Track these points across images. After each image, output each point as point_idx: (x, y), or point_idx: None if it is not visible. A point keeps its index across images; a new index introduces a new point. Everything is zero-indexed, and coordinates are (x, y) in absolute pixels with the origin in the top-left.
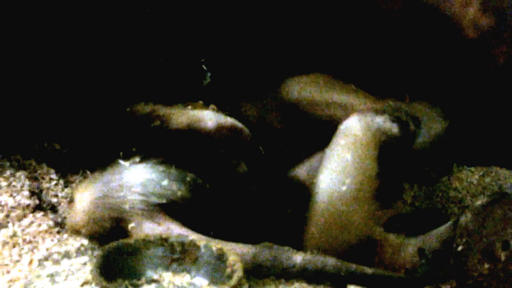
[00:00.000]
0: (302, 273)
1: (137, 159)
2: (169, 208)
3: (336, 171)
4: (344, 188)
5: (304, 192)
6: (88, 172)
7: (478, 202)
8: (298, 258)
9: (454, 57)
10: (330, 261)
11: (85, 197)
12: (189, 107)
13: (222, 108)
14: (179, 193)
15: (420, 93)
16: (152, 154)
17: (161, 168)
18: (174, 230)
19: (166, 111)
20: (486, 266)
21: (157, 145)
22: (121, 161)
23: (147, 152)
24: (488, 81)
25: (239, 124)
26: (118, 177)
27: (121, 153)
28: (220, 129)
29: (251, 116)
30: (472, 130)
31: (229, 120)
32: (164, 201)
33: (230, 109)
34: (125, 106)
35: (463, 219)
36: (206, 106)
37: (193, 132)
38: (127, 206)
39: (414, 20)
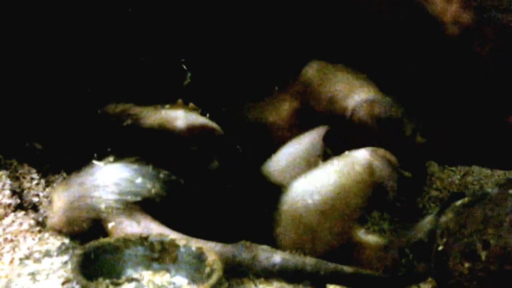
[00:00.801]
0: (282, 273)
1: (111, 159)
2: (145, 206)
3: (313, 185)
4: (310, 201)
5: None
6: (65, 174)
7: (459, 202)
8: (278, 257)
9: (438, 55)
10: (309, 261)
11: (62, 199)
12: (167, 106)
13: (204, 107)
14: (153, 190)
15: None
16: (126, 153)
17: (134, 166)
18: (153, 228)
19: (138, 110)
20: (467, 265)
21: (130, 144)
22: (95, 162)
23: (121, 151)
24: (471, 79)
25: (210, 123)
26: (93, 178)
27: (95, 154)
28: (190, 128)
29: (251, 116)
30: (453, 129)
31: (200, 120)
32: (138, 198)
33: (228, 108)
34: (102, 106)
35: (443, 219)
36: (185, 104)
37: (164, 131)
38: (103, 206)
39: (398, 18)
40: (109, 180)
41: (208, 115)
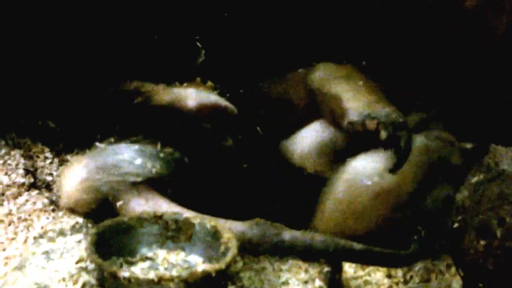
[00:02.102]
0: (291, 250)
1: (112, 140)
2: (150, 184)
3: (377, 167)
4: (369, 183)
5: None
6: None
7: (474, 179)
8: (287, 235)
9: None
10: (318, 238)
11: (69, 181)
12: (185, 84)
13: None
14: (154, 170)
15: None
16: (132, 133)
17: (135, 147)
18: (162, 205)
19: (150, 88)
20: (482, 243)
21: (140, 123)
22: (97, 143)
23: (128, 130)
24: (488, 54)
25: (223, 102)
26: (94, 160)
27: (98, 135)
28: (201, 107)
29: (274, 93)
30: (470, 107)
31: (212, 98)
32: (140, 179)
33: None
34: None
35: (459, 196)
36: (203, 83)
37: (175, 109)
38: (105, 188)
39: None
40: (110, 162)
41: (228, 94)
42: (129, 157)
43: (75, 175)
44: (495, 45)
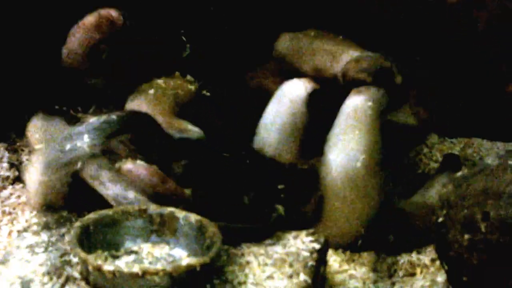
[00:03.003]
0: None
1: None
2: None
3: (349, 149)
4: (358, 164)
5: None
6: None
7: (459, 174)
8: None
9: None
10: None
11: (35, 171)
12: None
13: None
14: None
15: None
16: None
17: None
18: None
19: None
20: (466, 237)
21: None
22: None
23: None
24: (470, 47)
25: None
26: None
27: None
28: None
29: (252, 84)
30: (453, 102)
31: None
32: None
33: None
34: None
35: (443, 190)
36: (182, 77)
37: None
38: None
39: None
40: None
41: (207, 87)
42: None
43: (42, 162)
44: (477, 40)
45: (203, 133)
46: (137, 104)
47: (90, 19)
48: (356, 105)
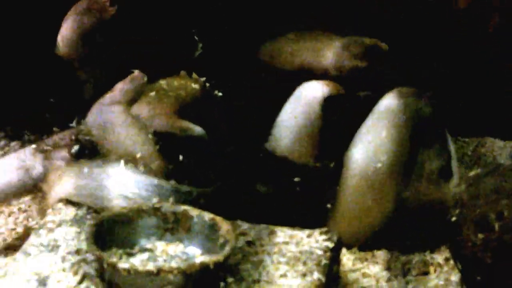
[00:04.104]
0: None
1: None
2: None
3: (374, 148)
4: (379, 165)
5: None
6: None
7: (472, 173)
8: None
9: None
10: None
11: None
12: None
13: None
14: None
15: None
16: None
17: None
18: None
19: None
20: (480, 236)
21: None
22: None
23: None
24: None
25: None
26: (83, 179)
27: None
28: None
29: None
30: (466, 101)
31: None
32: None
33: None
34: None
35: (457, 189)
36: (189, 76)
37: None
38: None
39: None
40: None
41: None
42: (145, 194)
43: (89, 189)
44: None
45: (205, 131)
46: (138, 106)
47: (81, 3)
48: (389, 106)
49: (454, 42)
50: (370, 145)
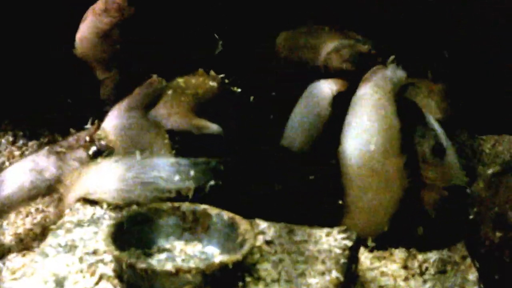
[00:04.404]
0: None
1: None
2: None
3: (361, 134)
4: (372, 147)
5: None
6: None
7: (490, 171)
8: None
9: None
10: None
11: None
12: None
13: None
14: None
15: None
16: None
17: (170, 160)
18: None
19: None
20: (498, 234)
21: None
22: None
23: None
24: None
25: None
26: (131, 172)
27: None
28: None
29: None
30: (483, 99)
31: None
32: (173, 195)
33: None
34: None
35: (475, 187)
36: (206, 73)
37: None
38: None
39: None
40: (147, 178)
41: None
42: (165, 174)
43: (109, 183)
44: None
45: (222, 129)
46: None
47: (99, 4)
48: (365, 92)
49: (454, 42)
50: (357, 133)
